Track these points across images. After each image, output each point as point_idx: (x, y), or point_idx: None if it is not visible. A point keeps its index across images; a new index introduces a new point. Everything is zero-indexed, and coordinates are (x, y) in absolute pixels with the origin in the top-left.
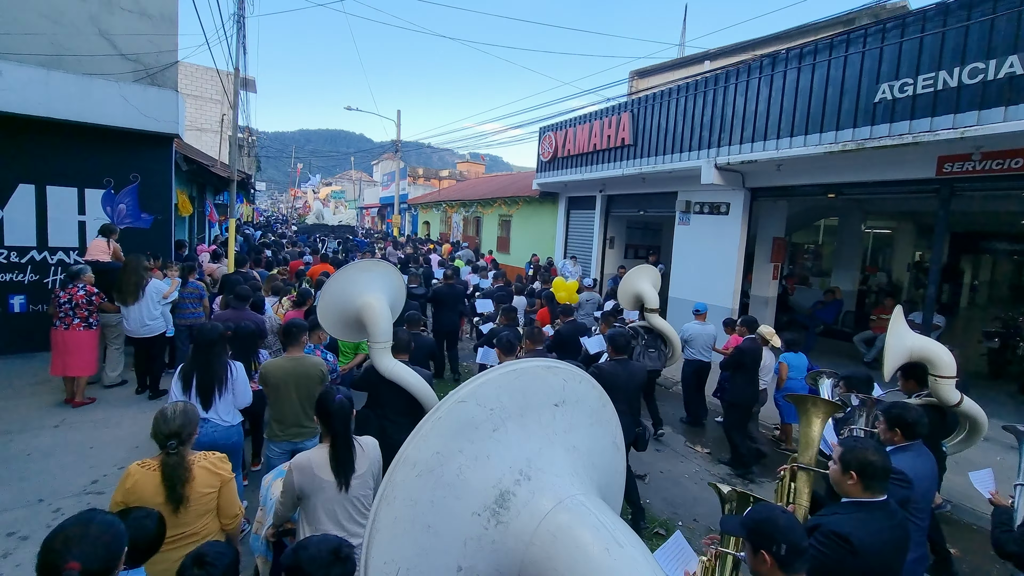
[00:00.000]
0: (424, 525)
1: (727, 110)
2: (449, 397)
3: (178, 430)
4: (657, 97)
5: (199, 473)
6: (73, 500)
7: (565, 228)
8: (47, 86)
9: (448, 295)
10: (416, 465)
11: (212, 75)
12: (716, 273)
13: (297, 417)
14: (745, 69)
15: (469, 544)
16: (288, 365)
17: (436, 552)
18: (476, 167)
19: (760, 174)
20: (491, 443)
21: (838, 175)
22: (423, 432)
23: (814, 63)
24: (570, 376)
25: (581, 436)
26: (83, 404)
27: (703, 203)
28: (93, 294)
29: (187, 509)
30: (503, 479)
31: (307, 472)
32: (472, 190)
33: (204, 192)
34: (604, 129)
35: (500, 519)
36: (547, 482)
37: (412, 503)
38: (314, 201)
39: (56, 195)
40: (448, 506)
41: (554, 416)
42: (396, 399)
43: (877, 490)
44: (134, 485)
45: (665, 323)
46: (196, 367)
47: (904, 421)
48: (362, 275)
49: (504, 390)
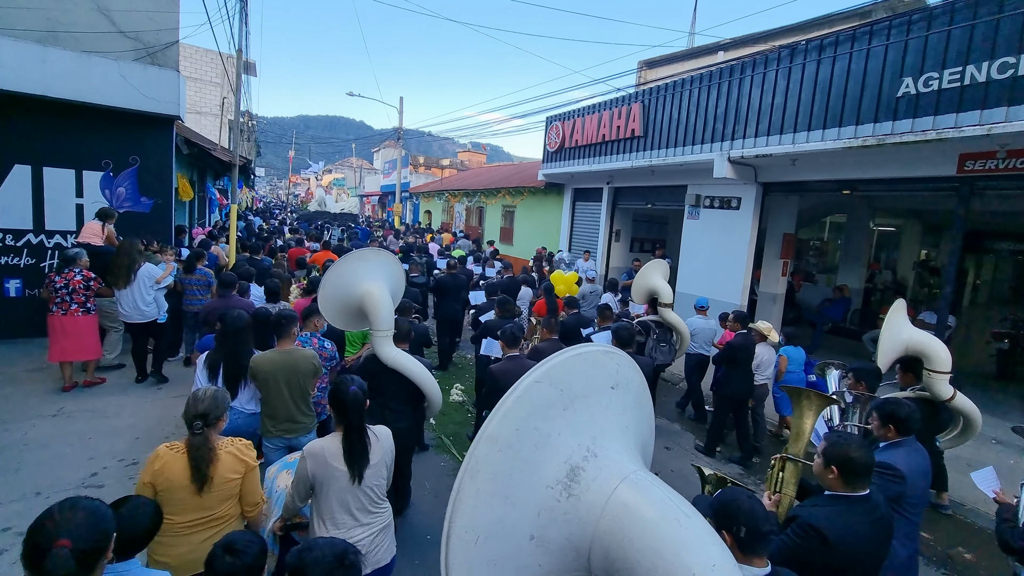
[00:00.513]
0: (503, 496)
1: (742, 102)
2: (525, 377)
3: (205, 412)
4: (669, 88)
5: (225, 458)
6: (72, 494)
7: (570, 220)
8: (43, 63)
9: (451, 284)
10: (498, 441)
11: (212, 57)
12: (725, 269)
13: (289, 412)
14: (762, 60)
15: (542, 515)
16: (277, 358)
17: (512, 521)
18: (477, 156)
19: (773, 168)
20: (562, 421)
21: (854, 171)
22: (504, 410)
23: (834, 55)
24: (622, 361)
25: (631, 418)
26: (94, 384)
27: (713, 197)
28: (91, 279)
29: (211, 492)
30: (573, 455)
31: (320, 460)
32: (475, 179)
33: (204, 177)
34: (613, 120)
35: (571, 492)
36: (611, 459)
37: (493, 476)
38: (317, 188)
39: (53, 177)
40: (525, 479)
41: (611, 398)
42: (398, 387)
43: (858, 485)
44: (163, 467)
45: (677, 317)
46: (223, 355)
47: (897, 417)
48: (363, 264)
49: (572, 372)
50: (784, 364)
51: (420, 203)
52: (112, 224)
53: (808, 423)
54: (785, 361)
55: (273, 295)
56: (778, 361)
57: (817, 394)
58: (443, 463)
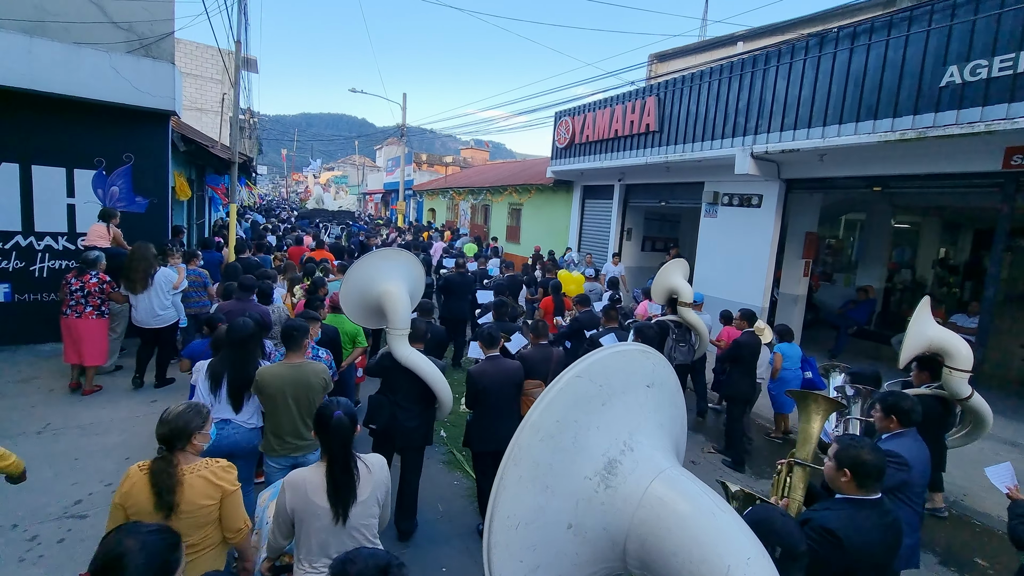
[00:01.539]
0: (543, 485)
1: (766, 95)
2: (567, 372)
3: (168, 434)
4: (687, 80)
5: (196, 482)
6: (53, 525)
7: (580, 218)
8: (30, 54)
9: (459, 283)
10: (540, 430)
11: (211, 53)
12: (745, 269)
13: (296, 429)
14: (788, 50)
15: (580, 505)
16: (286, 372)
17: (551, 510)
18: (480, 154)
19: (799, 164)
20: (600, 415)
21: (887, 167)
22: (547, 401)
23: (869, 43)
24: (658, 361)
25: (666, 416)
26: (92, 391)
27: (733, 195)
28: (105, 282)
29: (179, 519)
30: (610, 448)
31: (301, 494)
32: (480, 177)
33: (203, 175)
34: (627, 114)
35: (609, 484)
36: (647, 454)
37: (535, 464)
38: (315, 186)
39: (43, 175)
40: (565, 469)
41: (647, 396)
42: (410, 386)
43: (870, 489)
44: (131, 488)
45: (697, 317)
46: (227, 365)
47: (900, 408)
48: (385, 263)
49: (610, 369)
50: (779, 361)
51: (424, 201)
52: (116, 224)
53: (815, 427)
54: (780, 358)
55: (265, 297)
56: (773, 358)
57: (824, 398)
58: (456, 482)
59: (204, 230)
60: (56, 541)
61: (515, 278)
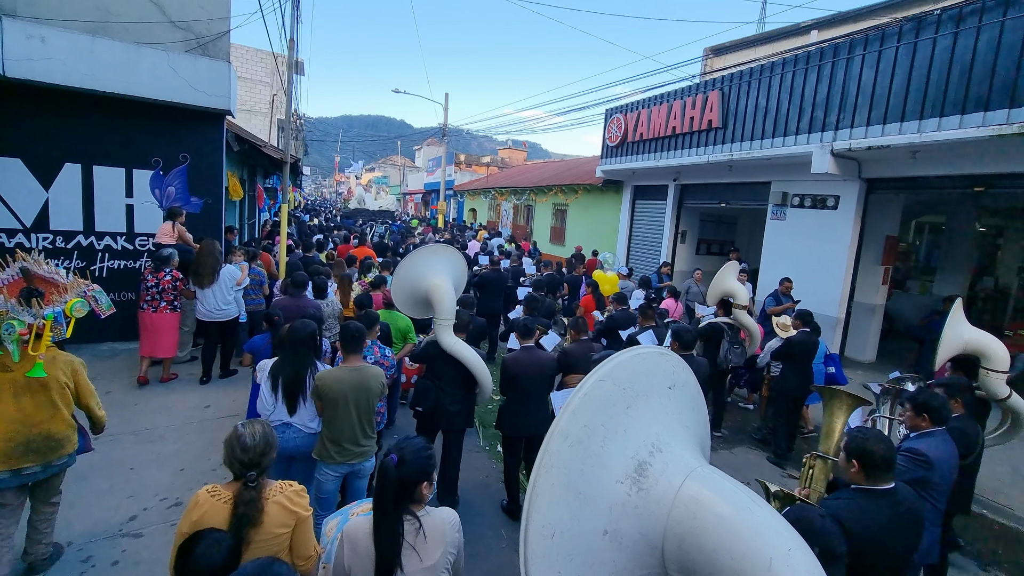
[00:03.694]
0: (576, 492)
1: (850, 86)
2: (590, 376)
3: (258, 459)
4: (754, 73)
5: (272, 509)
6: (107, 544)
7: (630, 220)
8: (92, 55)
9: (494, 280)
10: (568, 436)
11: (262, 56)
12: (818, 276)
13: (354, 435)
14: (877, 37)
15: (614, 509)
16: (348, 376)
17: (586, 517)
18: (518, 154)
19: (885, 162)
20: (627, 418)
21: (995, 164)
22: (573, 407)
23: (979, 26)
24: (676, 363)
25: (689, 417)
26: (170, 379)
27: (805, 195)
28: (178, 279)
29: (250, 548)
30: (639, 451)
31: (359, 550)
32: (523, 176)
33: (254, 175)
34: (686, 110)
35: (641, 486)
36: (676, 455)
37: (566, 471)
38: (356, 187)
39: (103, 176)
40: (595, 474)
41: (669, 398)
42: (453, 372)
43: (880, 479)
44: (202, 517)
45: (751, 319)
46: (284, 368)
47: (931, 407)
48: (433, 258)
49: (633, 371)
50: None
51: (465, 201)
52: (182, 222)
53: (839, 422)
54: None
55: (298, 287)
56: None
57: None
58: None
59: (255, 230)
60: (110, 563)
61: (554, 277)
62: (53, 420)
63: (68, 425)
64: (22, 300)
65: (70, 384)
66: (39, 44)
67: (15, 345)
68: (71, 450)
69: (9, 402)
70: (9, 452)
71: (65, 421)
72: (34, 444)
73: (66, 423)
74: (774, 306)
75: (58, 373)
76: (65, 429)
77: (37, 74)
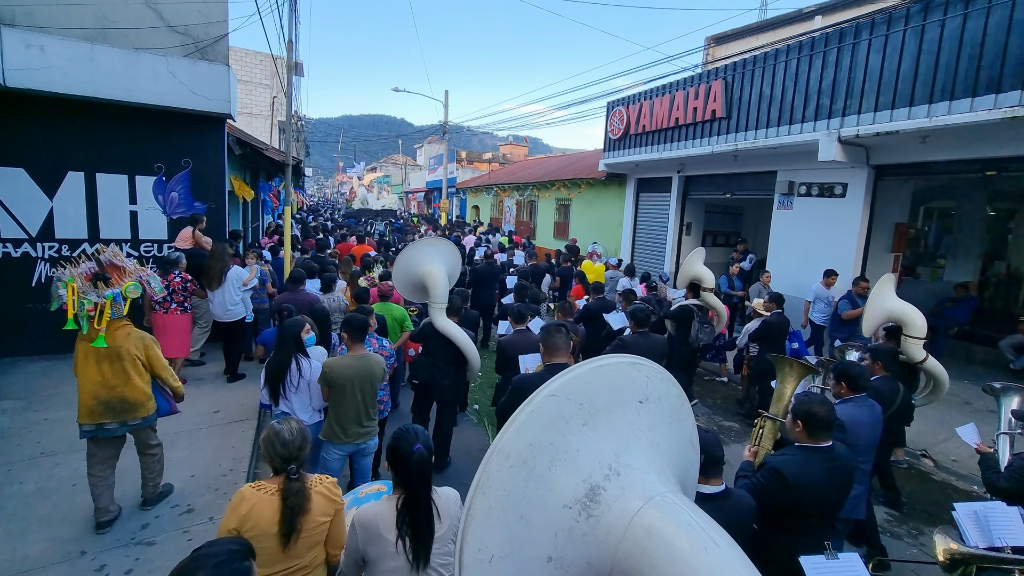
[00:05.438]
0: (517, 515)
1: (856, 71)
2: (540, 391)
3: (297, 453)
4: (758, 61)
5: (316, 500)
6: (120, 553)
7: (634, 213)
8: (92, 62)
9: (487, 273)
10: (510, 456)
11: (262, 59)
12: (828, 265)
13: (359, 417)
14: (883, 21)
15: (560, 535)
16: (355, 363)
17: (528, 542)
18: (519, 149)
19: (894, 148)
20: (581, 437)
21: (1009, 147)
22: (517, 424)
23: (989, 6)
24: (652, 373)
25: (663, 433)
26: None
27: (812, 184)
28: (188, 280)
29: (297, 541)
30: (593, 474)
31: (372, 532)
32: (525, 172)
33: (257, 178)
34: (689, 100)
35: (591, 513)
36: (636, 478)
37: (506, 493)
38: (359, 187)
39: (106, 183)
40: (540, 498)
41: (639, 412)
42: (446, 351)
43: (820, 437)
44: (251, 511)
45: (717, 301)
46: (270, 361)
47: (848, 375)
48: (430, 249)
49: (592, 385)
50: None
51: (467, 198)
52: (202, 228)
53: (788, 388)
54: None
55: (328, 286)
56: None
57: (798, 363)
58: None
59: (259, 232)
60: (124, 572)
61: (538, 267)
62: (127, 386)
63: (142, 392)
64: (92, 283)
65: (141, 356)
66: (38, 53)
67: (85, 320)
68: (146, 413)
69: (93, 367)
70: (92, 408)
71: (138, 388)
72: (112, 404)
73: (139, 390)
74: (849, 310)
75: (130, 347)
76: (138, 395)
77: (37, 83)
